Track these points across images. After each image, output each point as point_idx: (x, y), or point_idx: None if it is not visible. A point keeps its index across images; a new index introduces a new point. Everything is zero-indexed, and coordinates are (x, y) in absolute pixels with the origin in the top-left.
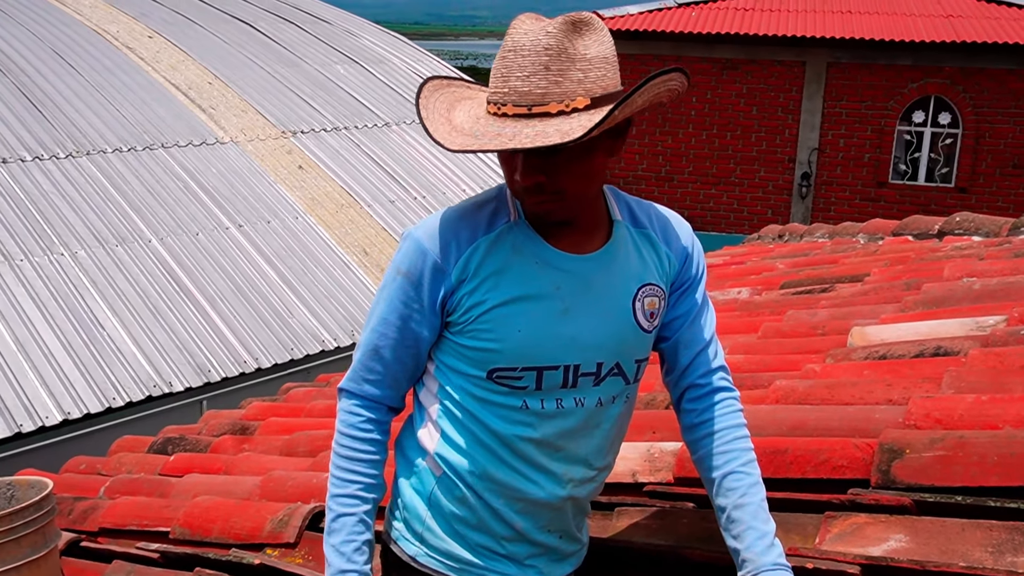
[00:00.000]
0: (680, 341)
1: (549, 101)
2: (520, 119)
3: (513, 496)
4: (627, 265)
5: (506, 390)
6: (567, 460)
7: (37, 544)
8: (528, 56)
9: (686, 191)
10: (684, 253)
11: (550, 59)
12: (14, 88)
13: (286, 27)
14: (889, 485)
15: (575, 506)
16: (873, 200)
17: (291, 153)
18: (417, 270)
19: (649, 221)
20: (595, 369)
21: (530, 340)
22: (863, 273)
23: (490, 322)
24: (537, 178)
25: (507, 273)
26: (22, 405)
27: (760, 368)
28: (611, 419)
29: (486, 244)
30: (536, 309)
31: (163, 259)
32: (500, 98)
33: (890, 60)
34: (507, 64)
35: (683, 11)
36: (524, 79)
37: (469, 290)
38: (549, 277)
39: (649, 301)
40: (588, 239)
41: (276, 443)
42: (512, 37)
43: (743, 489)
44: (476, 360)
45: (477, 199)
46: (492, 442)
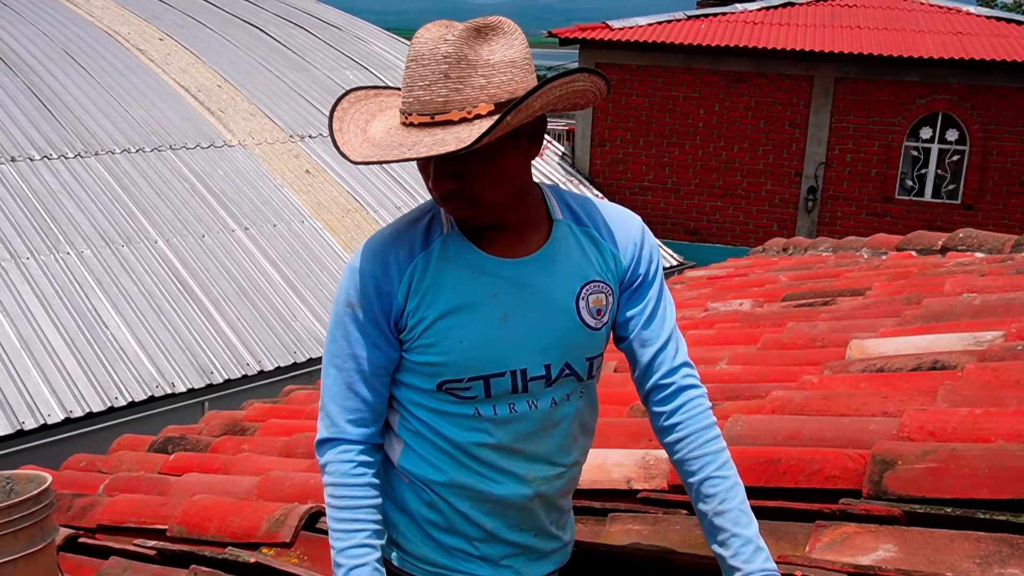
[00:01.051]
0: (637, 340)
1: (451, 109)
2: (424, 128)
3: (479, 498)
4: (568, 264)
5: (457, 400)
6: (528, 460)
7: (35, 538)
8: (428, 65)
9: (692, 203)
10: (633, 251)
11: (449, 67)
12: (24, 87)
13: (296, 32)
14: (880, 496)
15: (544, 504)
16: (879, 215)
17: (298, 157)
18: (367, 298)
19: (591, 219)
20: (544, 372)
21: (473, 350)
22: (865, 287)
23: (432, 336)
24: (448, 185)
25: (444, 285)
26: (24, 402)
27: (758, 379)
28: (568, 416)
29: (423, 260)
30: (475, 319)
31: (168, 260)
32: (407, 107)
33: (898, 76)
34: (410, 74)
35: (693, 23)
36: (425, 88)
37: (413, 308)
38: (485, 285)
39: (594, 299)
40: (524, 241)
41: (275, 444)
42: (414, 47)
43: (722, 494)
44: (425, 374)
45: (411, 215)
46: (451, 449)
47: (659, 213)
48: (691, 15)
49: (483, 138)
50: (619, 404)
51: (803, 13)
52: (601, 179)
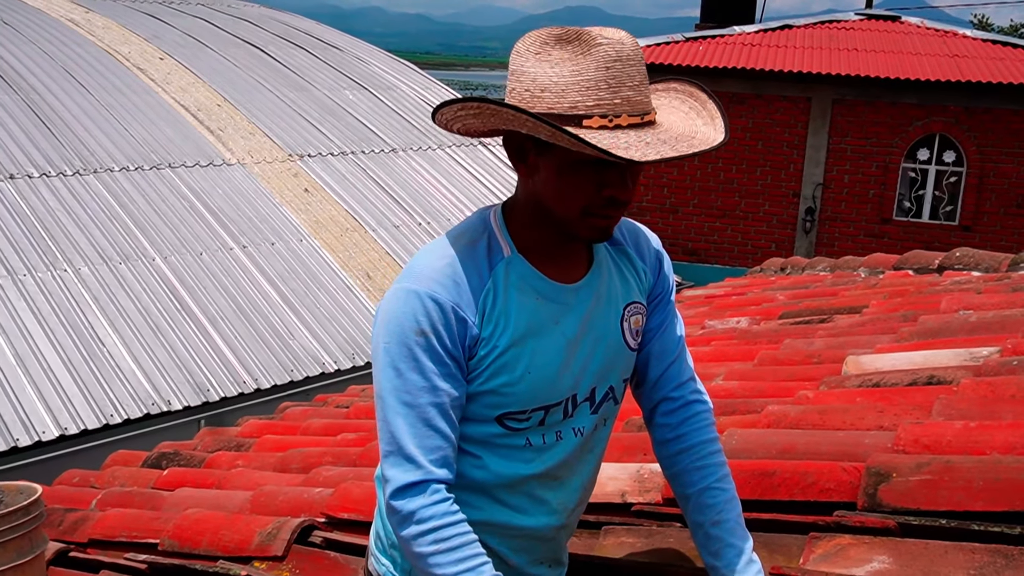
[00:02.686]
0: (652, 353)
1: (651, 110)
2: (642, 128)
3: (509, 534)
4: (612, 287)
5: (511, 432)
6: (563, 487)
7: (23, 549)
8: (635, 66)
9: (691, 223)
10: (657, 265)
11: (642, 67)
12: (24, 105)
13: (296, 52)
14: (875, 508)
15: (567, 533)
16: (877, 236)
17: (297, 176)
18: (444, 325)
19: (623, 236)
20: (590, 395)
21: (539, 379)
22: (862, 305)
23: (500, 365)
24: (631, 195)
25: (511, 312)
26: (19, 419)
27: (754, 394)
28: (602, 441)
29: (492, 285)
30: (542, 346)
31: (166, 278)
32: (607, 109)
33: (895, 98)
34: (615, 74)
35: (691, 45)
36: (635, 89)
37: (487, 336)
38: (548, 311)
39: (635, 319)
40: (575, 265)
41: (270, 460)
42: (613, 47)
43: (720, 506)
44: (486, 404)
45: (464, 236)
46: (492, 484)
47: (657, 234)
48: (689, 37)
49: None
50: None
51: (801, 35)
52: None
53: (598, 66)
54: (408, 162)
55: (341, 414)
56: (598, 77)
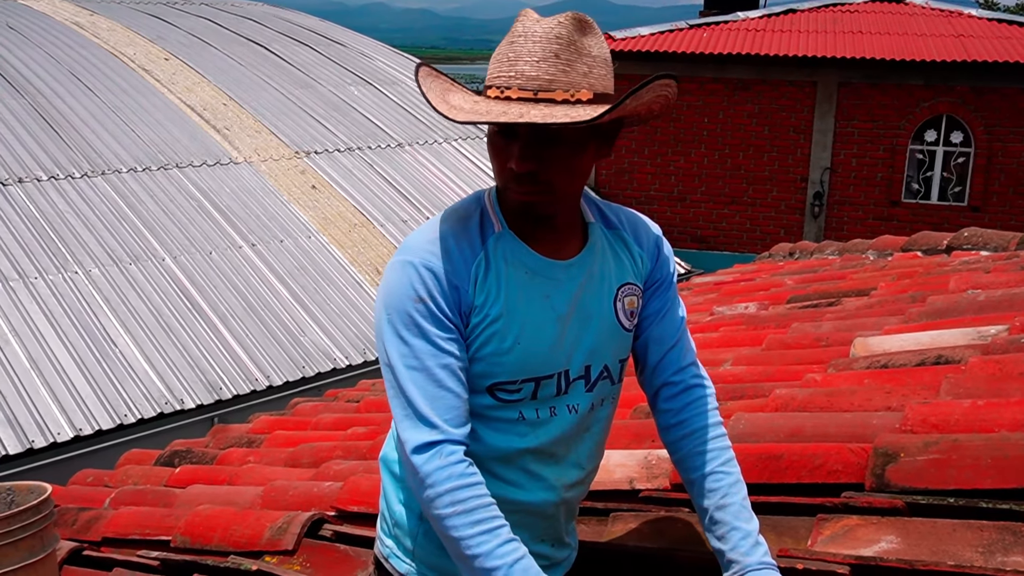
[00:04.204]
0: (651, 338)
1: (556, 88)
2: (525, 102)
3: (508, 509)
4: (605, 267)
5: (503, 404)
6: (560, 464)
7: (35, 548)
8: (540, 42)
9: (699, 210)
10: (655, 252)
11: (560, 48)
12: (31, 109)
13: (301, 49)
14: (883, 488)
15: (567, 511)
16: (886, 219)
17: (304, 173)
18: (440, 291)
19: (620, 222)
20: (584, 373)
21: (528, 351)
22: (870, 287)
23: (490, 335)
24: (530, 165)
25: (503, 285)
26: (34, 421)
27: (762, 378)
28: (600, 421)
29: (484, 257)
30: (531, 319)
31: (176, 277)
32: (505, 82)
33: (901, 80)
34: (515, 49)
35: (696, 32)
36: (534, 64)
37: (479, 304)
38: (538, 286)
39: (628, 300)
40: (566, 243)
41: (281, 455)
42: (523, 24)
43: (724, 489)
44: (476, 374)
45: (457, 212)
46: (487, 457)
47: (665, 222)
48: (694, 24)
49: (603, 116)
50: (622, 406)
51: (805, 19)
52: (607, 189)
53: (507, 41)
54: (414, 156)
55: (352, 408)
56: (504, 51)
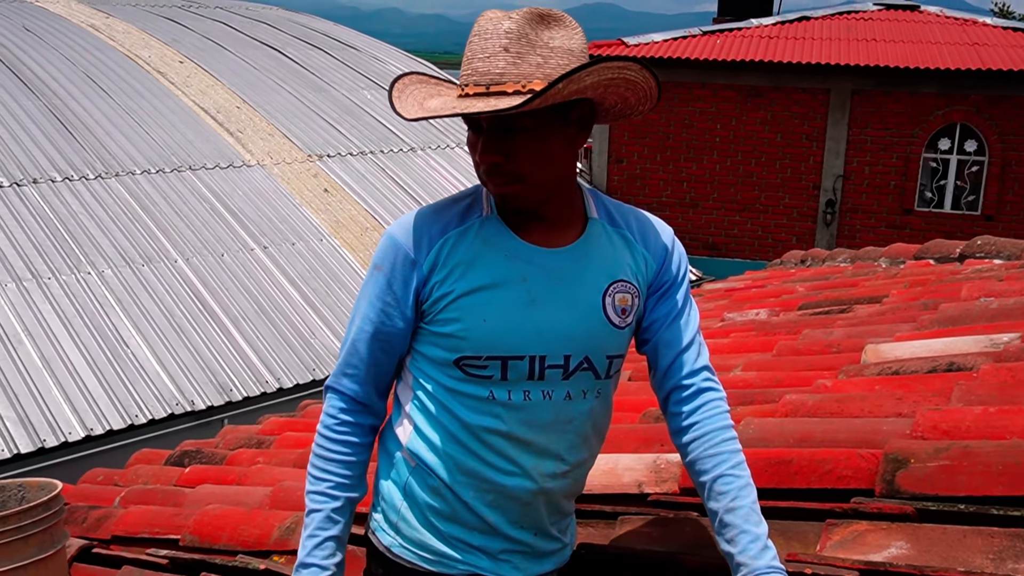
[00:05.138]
0: (661, 342)
1: (506, 81)
2: (479, 97)
3: (483, 488)
4: (599, 261)
5: (473, 379)
6: (537, 454)
7: (45, 544)
8: (489, 39)
9: (710, 217)
10: (662, 255)
11: (509, 41)
12: (47, 110)
13: (314, 53)
14: (893, 494)
15: (548, 502)
16: (898, 227)
17: (317, 176)
18: (389, 263)
19: (626, 222)
20: (562, 362)
21: (495, 329)
22: (882, 295)
23: (457, 310)
24: (495, 158)
25: (476, 264)
26: (46, 420)
27: (772, 384)
28: (583, 415)
29: (456, 236)
30: (502, 298)
31: (188, 279)
32: (464, 80)
33: (915, 88)
34: (471, 48)
35: (708, 39)
36: (484, 60)
37: (439, 280)
38: (517, 268)
39: (620, 297)
40: (560, 234)
41: (290, 456)
42: (477, 24)
43: (734, 492)
44: (444, 347)
45: (454, 196)
46: (461, 434)
47: (677, 228)
48: (706, 30)
49: (533, 100)
50: (631, 411)
51: (819, 27)
52: (619, 196)
53: (468, 42)
54: (426, 160)
55: None
56: (465, 51)
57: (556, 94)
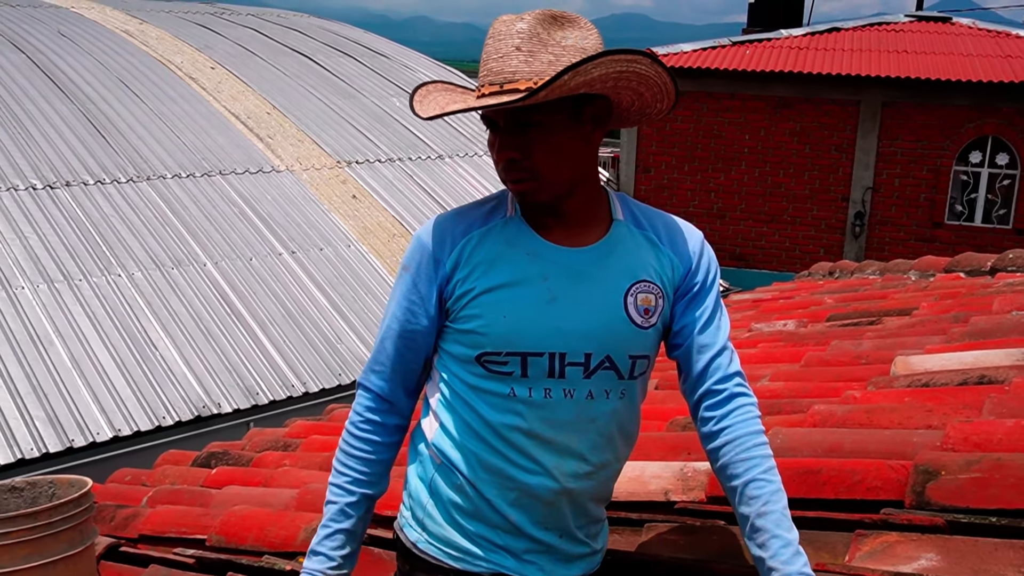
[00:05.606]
0: (693, 347)
1: (519, 79)
2: (493, 95)
3: (506, 486)
4: (622, 261)
5: (495, 376)
6: (559, 452)
7: (74, 540)
8: (503, 40)
9: (738, 228)
10: (690, 258)
11: (521, 41)
12: (80, 115)
13: (344, 60)
14: (923, 506)
15: (572, 503)
16: (928, 240)
17: (345, 183)
18: (416, 263)
19: (652, 225)
20: (583, 360)
21: (514, 325)
22: (912, 307)
23: (478, 307)
24: (511, 153)
25: (497, 262)
26: (75, 420)
27: (800, 394)
28: (606, 415)
29: (479, 235)
30: (522, 296)
31: (217, 283)
32: (480, 81)
33: (946, 100)
34: (486, 50)
35: (738, 49)
36: (498, 60)
37: (462, 277)
38: (538, 267)
39: (643, 297)
40: (583, 234)
41: (316, 459)
42: (493, 27)
43: (765, 497)
44: (466, 343)
45: (480, 200)
46: (484, 431)
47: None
48: (736, 41)
49: (539, 92)
50: (658, 419)
51: (849, 38)
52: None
53: (484, 45)
54: (455, 168)
55: None
56: (482, 55)
57: (562, 86)
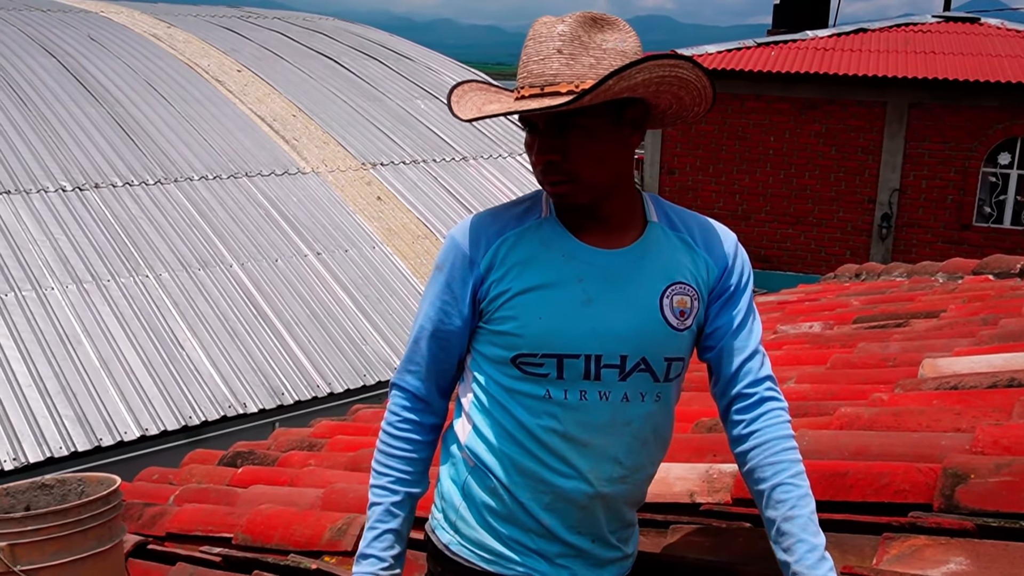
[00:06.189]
0: (726, 349)
1: (560, 81)
2: (534, 98)
3: (540, 490)
4: (657, 262)
5: (530, 378)
6: (594, 456)
7: (103, 537)
8: (544, 42)
9: (763, 230)
10: (724, 261)
11: (563, 43)
12: (109, 118)
13: (369, 63)
14: (952, 510)
15: (606, 507)
16: (956, 243)
17: (370, 184)
18: (449, 263)
19: (687, 227)
20: (619, 362)
21: (551, 327)
22: (940, 309)
23: (513, 308)
24: (551, 156)
25: (533, 264)
26: (103, 420)
27: (826, 397)
28: (641, 417)
29: (514, 236)
30: (557, 297)
31: (243, 284)
32: (520, 83)
33: (975, 101)
34: (527, 52)
35: (763, 51)
36: (539, 62)
37: (497, 278)
38: (573, 269)
39: (679, 299)
40: (618, 236)
41: (341, 459)
42: (533, 29)
43: (793, 501)
44: (501, 345)
45: (514, 200)
46: (518, 433)
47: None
48: (761, 42)
49: (584, 96)
50: (683, 421)
51: (876, 39)
52: None
53: (523, 47)
54: (479, 170)
55: None
56: (521, 57)
57: (607, 90)
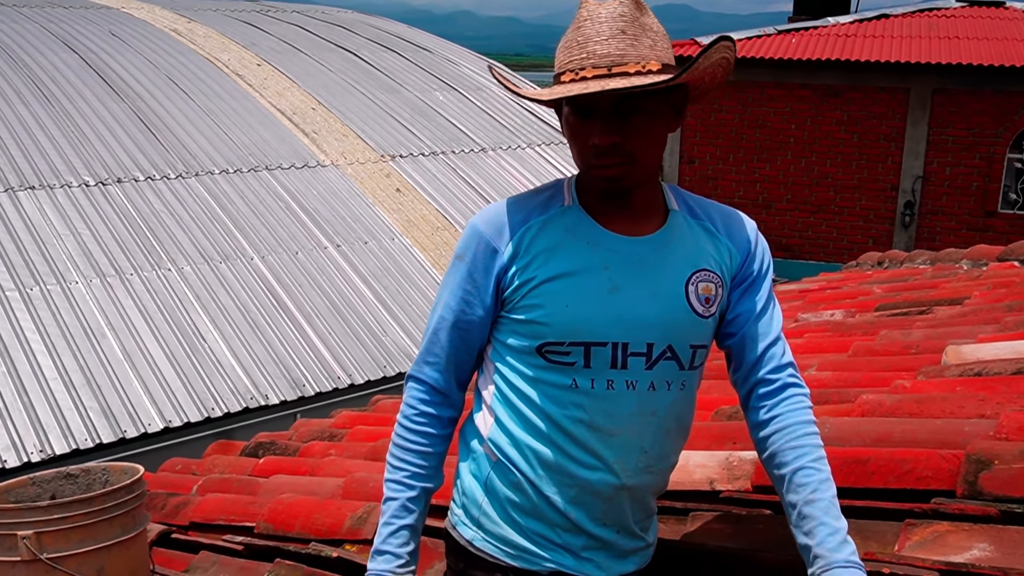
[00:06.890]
0: (747, 336)
1: (627, 62)
2: (602, 79)
3: (565, 483)
4: (681, 250)
5: (556, 367)
6: (621, 447)
7: (127, 526)
8: (605, 23)
9: (784, 218)
10: (747, 248)
11: (626, 24)
12: (131, 113)
13: (388, 55)
14: (975, 496)
15: (631, 498)
16: (980, 230)
17: (389, 176)
18: (471, 252)
19: (707, 215)
20: (645, 350)
21: (577, 315)
22: (963, 296)
23: (539, 296)
24: (614, 138)
25: (558, 251)
26: (127, 412)
27: (848, 384)
28: (666, 406)
29: (538, 225)
30: (584, 285)
31: (264, 276)
32: (578, 64)
33: (1000, 86)
34: (584, 32)
35: (784, 38)
36: (603, 43)
37: (521, 267)
38: (599, 256)
39: (704, 286)
40: (642, 224)
41: (362, 449)
42: (587, 9)
43: (814, 485)
44: (527, 334)
45: (535, 188)
46: (544, 424)
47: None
48: (782, 29)
49: (679, 76)
50: (703, 409)
51: (899, 25)
52: None
53: (573, 28)
54: (498, 161)
55: None
56: (572, 37)
57: (696, 70)
